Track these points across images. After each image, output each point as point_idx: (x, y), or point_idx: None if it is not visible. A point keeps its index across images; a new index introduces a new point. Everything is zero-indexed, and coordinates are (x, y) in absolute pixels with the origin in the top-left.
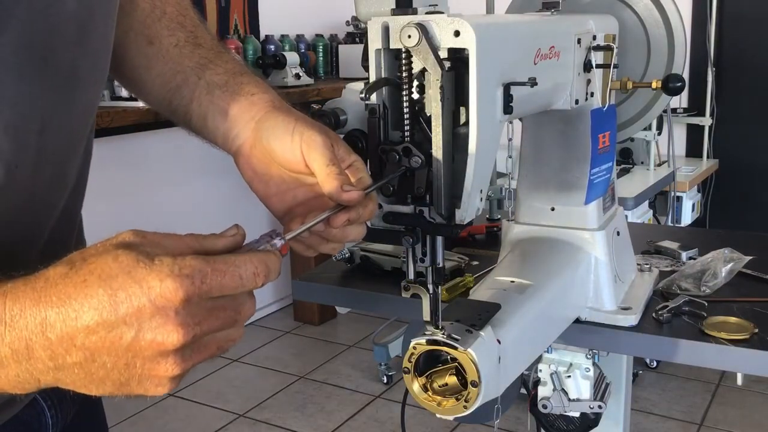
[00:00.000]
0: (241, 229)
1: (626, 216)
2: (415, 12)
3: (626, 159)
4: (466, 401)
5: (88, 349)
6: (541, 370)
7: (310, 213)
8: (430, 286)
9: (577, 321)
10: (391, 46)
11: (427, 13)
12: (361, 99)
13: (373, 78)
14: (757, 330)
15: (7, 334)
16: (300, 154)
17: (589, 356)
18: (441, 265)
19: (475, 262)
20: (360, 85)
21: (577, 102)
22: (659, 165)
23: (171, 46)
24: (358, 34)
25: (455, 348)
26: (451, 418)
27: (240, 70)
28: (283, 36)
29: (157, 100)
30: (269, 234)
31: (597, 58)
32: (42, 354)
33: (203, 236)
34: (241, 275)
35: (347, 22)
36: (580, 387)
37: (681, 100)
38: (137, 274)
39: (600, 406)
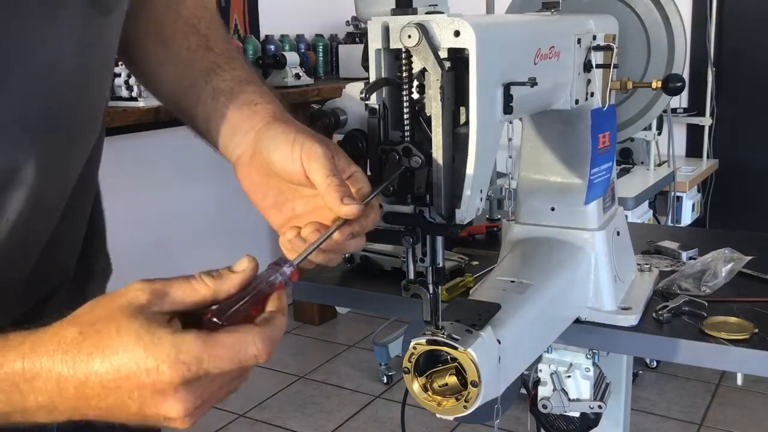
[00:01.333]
0: (253, 262)
1: (626, 216)
2: (415, 12)
3: (626, 159)
4: (466, 401)
5: (102, 409)
6: (541, 370)
7: (307, 225)
8: (430, 286)
9: (577, 321)
10: (391, 46)
11: (427, 13)
12: (361, 99)
13: (373, 78)
14: (757, 330)
15: (30, 394)
16: (300, 164)
17: (589, 356)
18: (441, 265)
19: (475, 262)
20: (360, 85)
21: (577, 102)
22: (659, 165)
23: (183, 49)
24: (358, 34)
25: (455, 348)
26: (451, 418)
27: (247, 78)
28: (283, 36)
29: (167, 99)
30: (277, 263)
31: (597, 58)
32: (64, 408)
33: (214, 277)
34: (240, 360)
35: (347, 22)
36: (580, 387)
37: (681, 100)
38: (136, 355)
39: (600, 406)
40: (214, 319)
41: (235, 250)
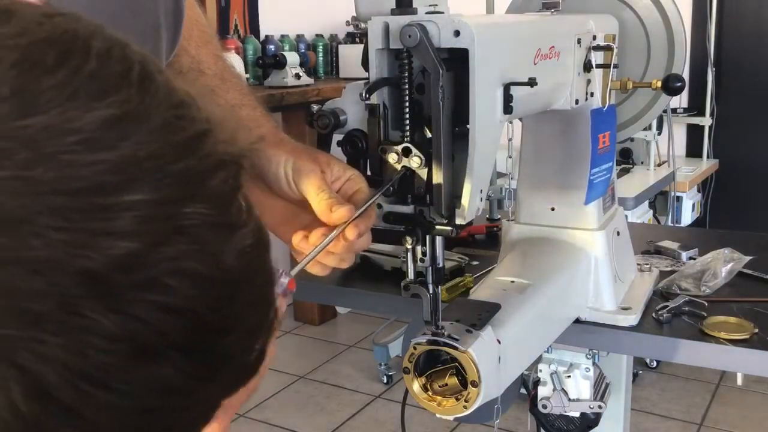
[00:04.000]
0: None
1: (626, 216)
2: (415, 12)
3: (626, 159)
4: (466, 401)
5: None
6: (541, 370)
7: (316, 230)
8: (430, 286)
9: (577, 321)
10: (391, 46)
11: (427, 13)
12: (361, 99)
13: (373, 78)
14: (757, 330)
15: None
16: (293, 184)
17: (589, 356)
18: (441, 265)
19: (475, 262)
20: (360, 85)
21: (577, 102)
22: (659, 165)
23: (175, 74)
24: (358, 34)
25: (455, 348)
26: (451, 418)
27: (240, 101)
28: (283, 36)
29: None
30: None
31: (597, 58)
32: None
33: None
34: None
35: (347, 22)
36: (580, 387)
37: (681, 100)
38: None
39: (600, 406)
40: None
41: None
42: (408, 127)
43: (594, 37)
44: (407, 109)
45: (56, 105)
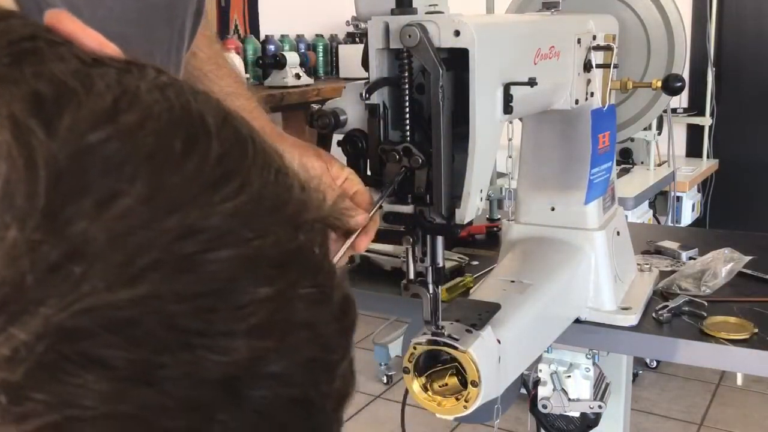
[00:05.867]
0: None
1: (626, 216)
2: (415, 12)
3: (626, 159)
4: (466, 401)
5: None
6: (541, 370)
7: None
8: (430, 286)
9: (577, 321)
10: (391, 46)
11: (427, 13)
12: (361, 99)
13: (373, 78)
14: (757, 330)
15: None
16: None
17: (589, 356)
18: (441, 265)
19: (475, 262)
20: (360, 85)
21: (577, 102)
22: (659, 165)
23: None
24: (358, 34)
25: (455, 348)
26: (451, 418)
27: (234, 90)
28: (283, 36)
29: None
30: None
31: (597, 58)
32: None
33: None
34: None
35: (347, 22)
36: (580, 387)
37: (681, 100)
38: None
39: (600, 406)
40: None
41: None
42: (408, 127)
43: (594, 37)
44: (407, 109)
45: (189, 201)
